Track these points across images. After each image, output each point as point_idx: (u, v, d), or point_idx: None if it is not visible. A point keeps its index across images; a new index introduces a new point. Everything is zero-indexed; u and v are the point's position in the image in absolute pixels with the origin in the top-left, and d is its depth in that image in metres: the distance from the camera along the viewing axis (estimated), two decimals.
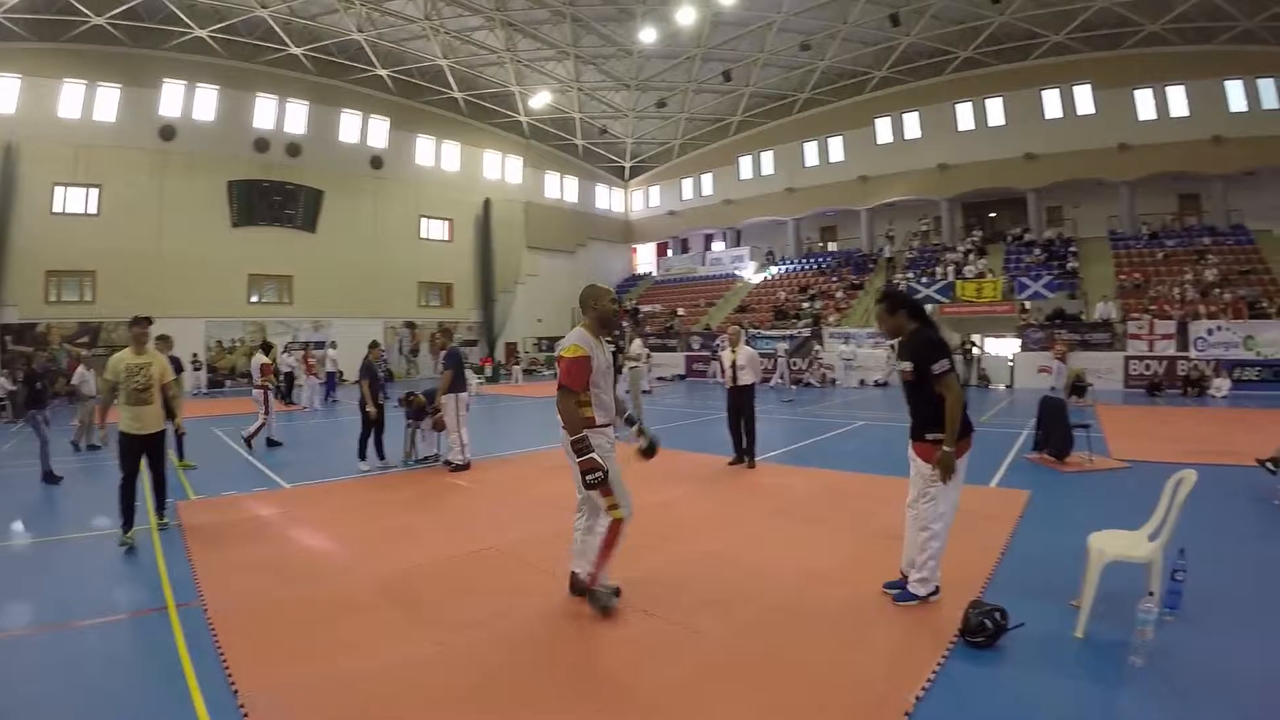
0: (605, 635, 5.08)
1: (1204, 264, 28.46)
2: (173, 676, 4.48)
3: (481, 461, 12.21)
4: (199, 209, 30.49)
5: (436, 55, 35.18)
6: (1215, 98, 30.61)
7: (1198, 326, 24.40)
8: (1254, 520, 8.14)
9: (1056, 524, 7.78)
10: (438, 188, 39.66)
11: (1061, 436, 11.45)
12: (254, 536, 7.79)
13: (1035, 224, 35.13)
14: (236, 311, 31.80)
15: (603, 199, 49.89)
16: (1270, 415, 16.48)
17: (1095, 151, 32.69)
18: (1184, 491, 5.06)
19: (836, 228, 44.07)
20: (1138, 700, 4.16)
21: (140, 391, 7.60)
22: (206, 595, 5.84)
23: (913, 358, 5.40)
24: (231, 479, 10.95)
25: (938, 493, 5.32)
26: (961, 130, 36.62)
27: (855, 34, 34.01)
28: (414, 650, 4.81)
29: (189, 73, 30.51)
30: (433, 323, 37.69)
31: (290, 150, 33.25)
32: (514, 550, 7.13)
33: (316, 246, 33.92)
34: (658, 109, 41.52)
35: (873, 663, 4.61)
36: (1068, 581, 5.56)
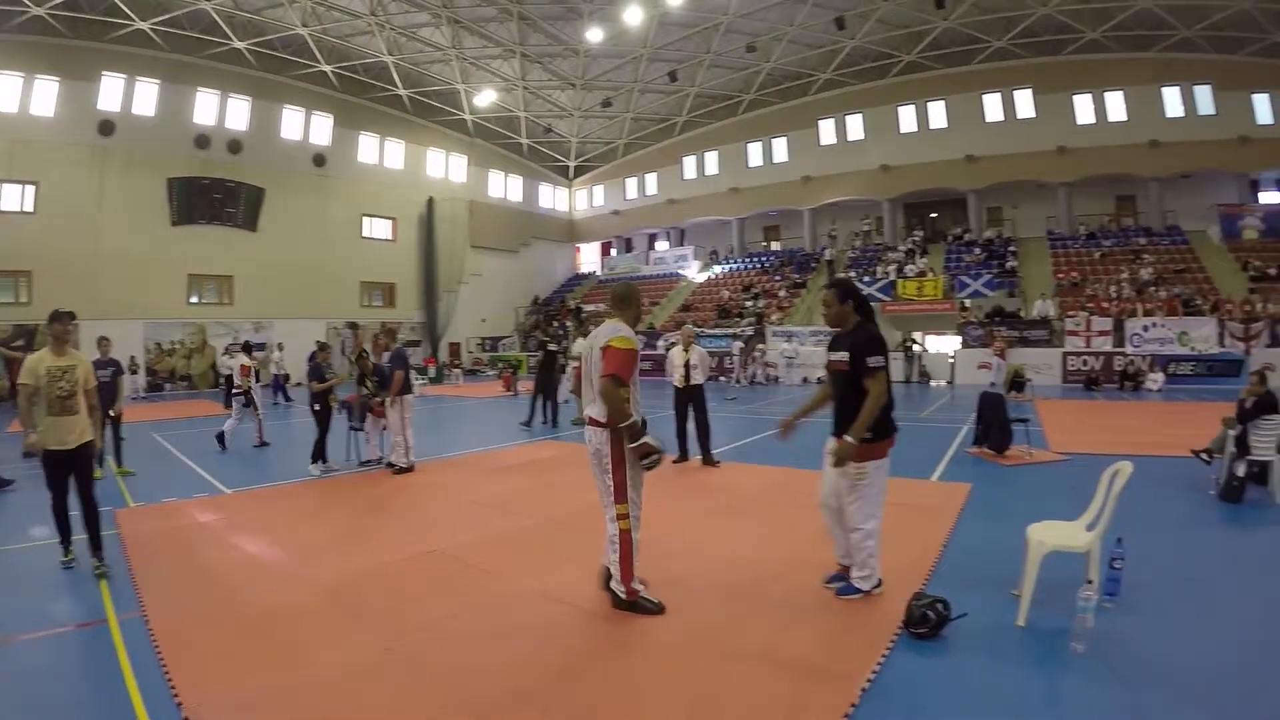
0: (551, 635, 5.02)
1: (1140, 263, 29.17)
2: (115, 691, 4.31)
3: (425, 463, 12.02)
4: (138, 207, 29.59)
5: (382, 51, 34.64)
6: (1152, 103, 31.43)
7: (1133, 323, 24.99)
8: (1189, 509, 8.31)
9: (997, 516, 7.86)
10: (381, 186, 39.09)
11: (1001, 431, 11.57)
12: (196, 544, 7.51)
13: (975, 224, 35.75)
14: (176, 313, 30.88)
15: (547, 198, 49.61)
16: (1203, 407, 16.83)
17: (1035, 154, 33.29)
18: (1120, 482, 5.17)
19: (780, 227, 44.43)
20: (1080, 685, 4.23)
21: (64, 399, 6.58)
22: (148, 606, 5.64)
23: (851, 349, 5.37)
24: (172, 485, 10.57)
25: (864, 491, 5.34)
26: (904, 132, 37.06)
27: (801, 36, 34.21)
28: (360, 656, 4.72)
29: (129, 66, 29.55)
30: (375, 323, 37.23)
31: (231, 147, 32.38)
32: (459, 553, 7.01)
33: (258, 246, 33.13)
34: (603, 108, 41.34)
35: (818, 656, 4.61)
36: (1009, 572, 5.65)
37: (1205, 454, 9.42)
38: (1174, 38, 29.70)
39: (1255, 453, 8.58)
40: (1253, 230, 29.62)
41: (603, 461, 5.26)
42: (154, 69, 30.17)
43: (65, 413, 6.60)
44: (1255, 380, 9.20)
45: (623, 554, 5.24)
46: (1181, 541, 7.05)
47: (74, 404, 6.67)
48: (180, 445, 13.01)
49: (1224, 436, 9.02)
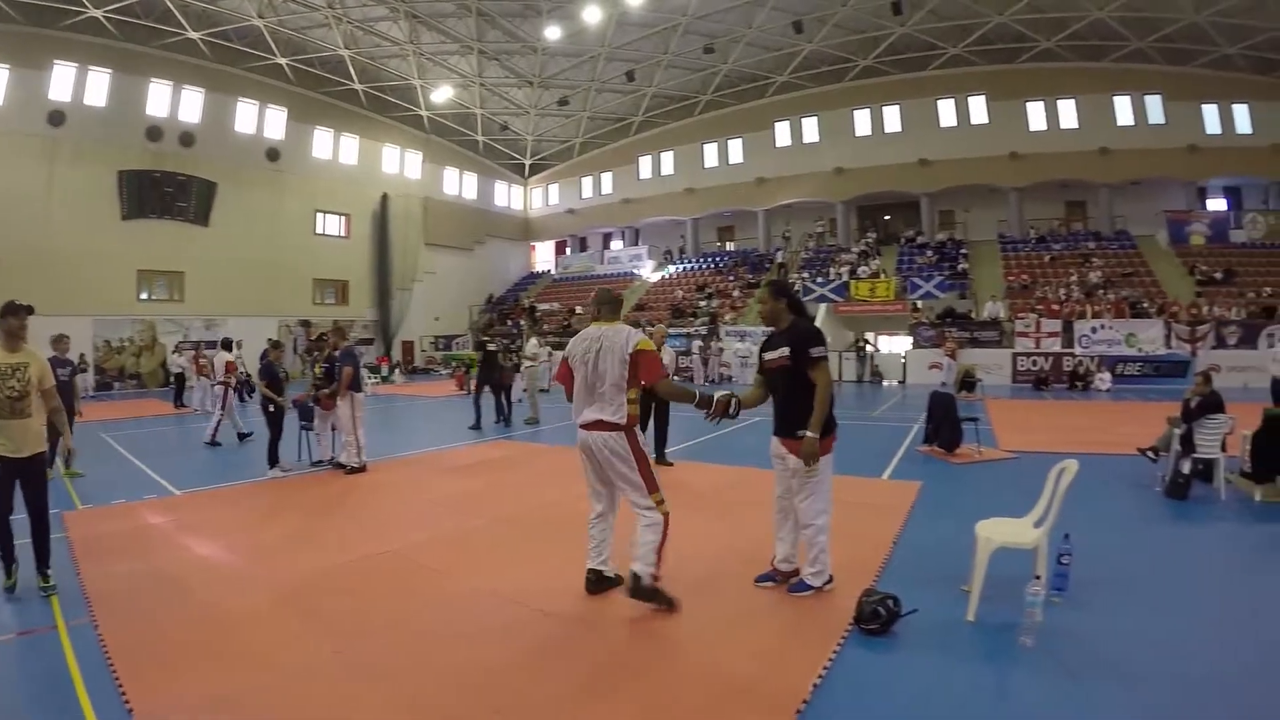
0: (502, 635, 4.95)
1: (1089, 267, 29.72)
2: (65, 698, 4.17)
3: (378, 463, 11.84)
4: (88, 200, 28.71)
5: (338, 45, 34.10)
6: (1104, 111, 32.20)
7: (1082, 325, 25.45)
8: (1136, 505, 8.44)
9: (947, 513, 7.90)
10: (335, 182, 38.48)
11: (951, 429, 11.67)
12: (146, 547, 7.29)
13: (928, 227, 36.20)
14: (126, 309, 30.03)
15: (502, 196, 49.27)
16: (1150, 407, 17.06)
17: (987, 159, 33.78)
18: (1066, 480, 5.26)
19: (734, 228, 44.52)
20: (1028, 679, 4.29)
21: (15, 401, 5.83)
22: (97, 611, 5.46)
23: (791, 343, 5.39)
24: (121, 486, 10.26)
25: (814, 488, 5.35)
26: (859, 135, 37.41)
27: (759, 39, 34.36)
28: (312, 659, 4.64)
29: (82, 55, 28.69)
30: (328, 321, 36.76)
31: (184, 140, 31.57)
32: (411, 554, 6.91)
33: (209, 241, 32.33)
34: (560, 107, 41.22)
35: (769, 653, 4.61)
36: (958, 568, 5.68)
37: (1151, 452, 9.57)
38: (1126, 48, 30.42)
39: (1200, 451, 8.75)
40: (1199, 236, 30.42)
41: (625, 460, 5.34)
42: (106, 58, 29.35)
43: (15, 415, 5.85)
44: (1200, 381, 9.35)
45: (664, 538, 5.27)
46: (1128, 537, 7.14)
47: (25, 406, 5.90)
48: (130, 445, 12.64)
49: (1169, 435, 9.18)
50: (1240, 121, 30.75)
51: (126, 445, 14.00)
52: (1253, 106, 30.39)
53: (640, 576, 5.22)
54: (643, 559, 5.23)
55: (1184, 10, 27.49)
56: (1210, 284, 27.44)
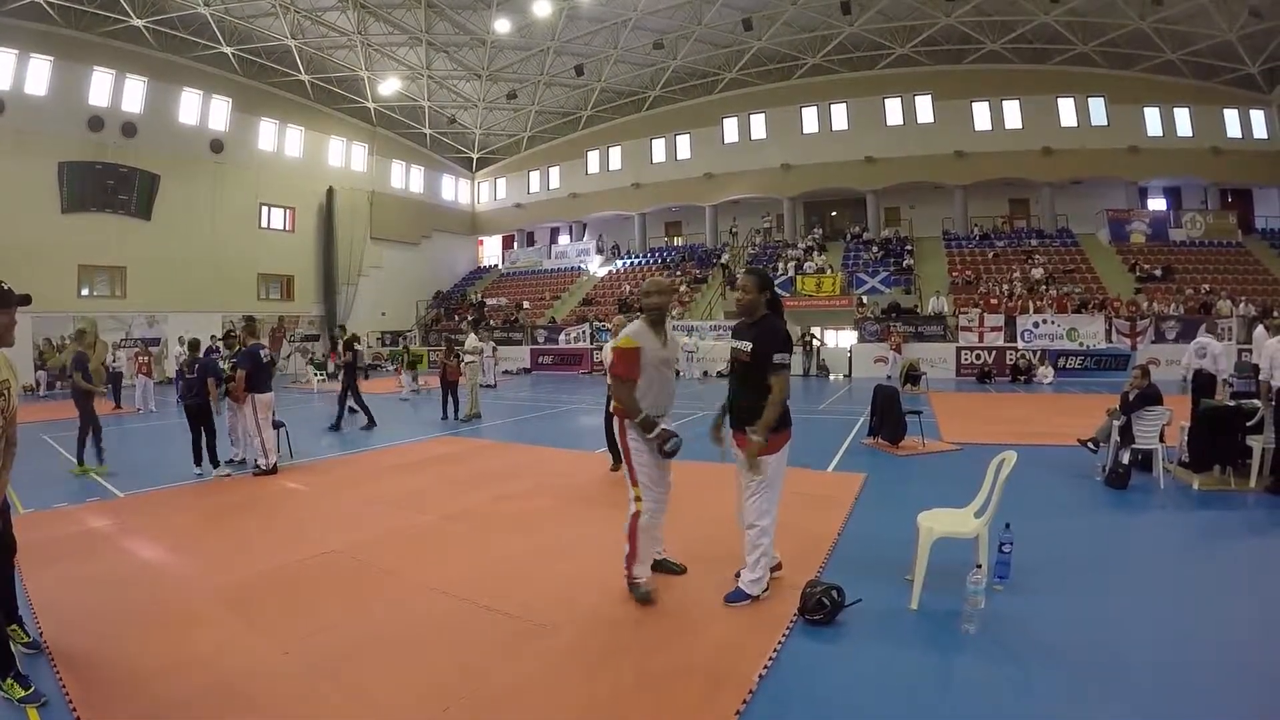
0: (452, 632, 4.89)
1: (1031, 263, 30.25)
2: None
3: (319, 462, 11.71)
4: (26, 192, 27.70)
5: (285, 34, 33.44)
6: (1048, 112, 32.87)
7: (1025, 320, 25.85)
8: (1076, 495, 8.60)
9: (891, 504, 7.96)
10: (280, 174, 37.71)
11: (895, 422, 11.76)
12: (88, 551, 7.05)
13: (874, 223, 36.59)
14: (66, 306, 28.75)
15: (449, 190, 48.78)
16: (1091, 399, 17.40)
17: (933, 157, 34.28)
18: (1006, 470, 5.35)
19: (682, 223, 44.67)
20: (972, 664, 4.36)
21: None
22: (40, 618, 5.24)
23: (756, 340, 5.17)
24: (62, 489, 9.95)
25: (761, 487, 5.15)
26: (806, 133, 37.69)
27: (708, 35, 34.46)
28: (261, 661, 4.55)
29: (22, 41, 27.70)
30: (273, 317, 36.27)
31: (126, 130, 30.69)
32: (355, 552, 6.77)
33: (152, 235, 31.50)
34: (508, 100, 40.95)
35: (715, 642, 4.61)
36: (902, 558, 5.72)
37: (1091, 443, 9.73)
38: (1071, 52, 31.15)
39: (1139, 442, 8.93)
40: (1140, 234, 31.22)
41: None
42: (47, 45, 28.36)
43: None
44: (1138, 374, 9.50)
45: (630, 533, 5.32)
46: (1070, 526, 7.26)
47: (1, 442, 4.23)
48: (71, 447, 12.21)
49: (1108, 426, 9.32)
50: (1181, 124, 31.67)
51: (67, 446, 13.61)
52: (1193, 110, 31.39)
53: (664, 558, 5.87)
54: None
55: (1129, 16, 28.14)
56: (1150, 281, 28.24)
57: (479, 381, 18.49)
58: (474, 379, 17.73)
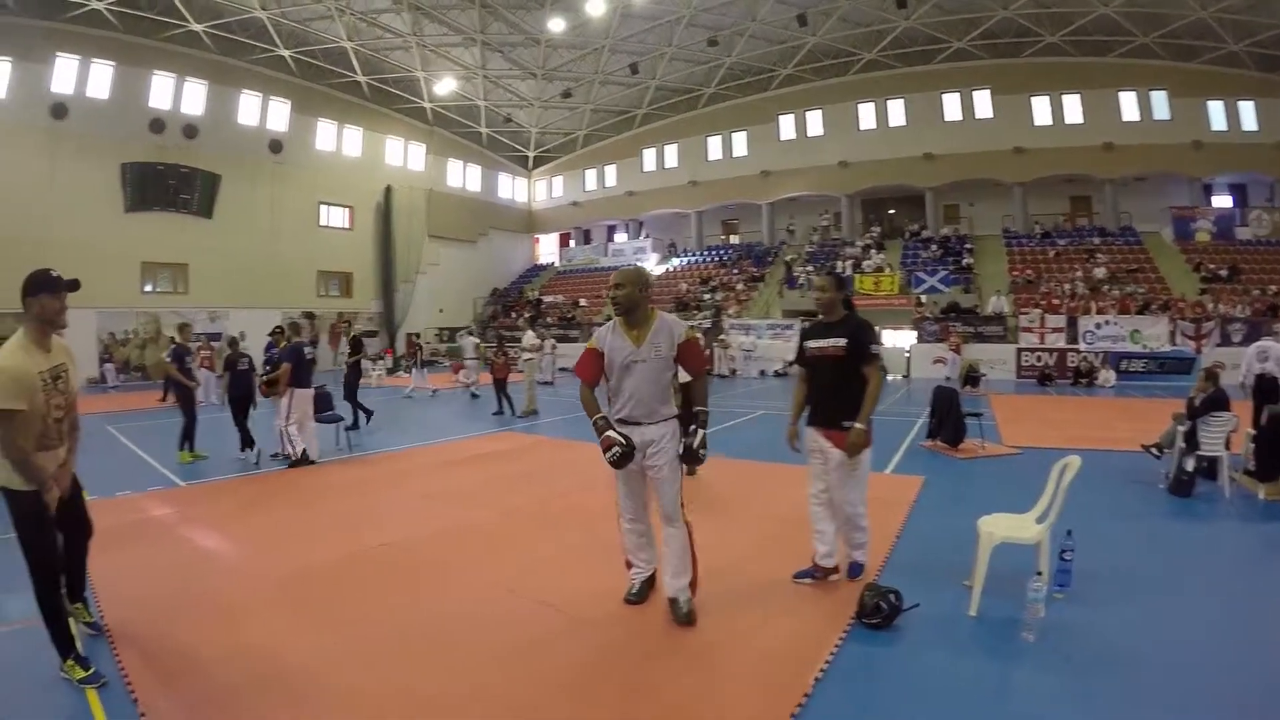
0: (504, 628, 4.94)
1: (1093, 262, 29.64)
2: (71, 689, 4.17)
3: (374, 456, 11.96)
4: (91, 192, 28.62)
5: (341, 37, 34.01)
6: (1109, 107, 31.99)
7: (1086, 321, 25.36)
8: (1140, 502, 8.42)
9: (950, 508, 7.89)
10: (338, 174, 38.35)
11: (955, 424, 11.64)
12: (150, 539, 7.31)
13: (932, 221, 36.11)
14: (129, 301, 29.95)
15: (506, 188, 49.10)
16: (1153, 404, 17.09)
17: (992, 153, 33.66)
18: (1069, 476, 5.27)
19: (738, 221, 44.41)
20: (1030, 673, 4.29)
21: (59, 422, 4.38)
22: (103, 601, 5.47)
23: (850, 335, 5.44)
24: (126, 478, 10.27)
25: (857, 479, 5.47)
26: (863, 129, 37.24)
27: (762, 32, 34.26)
28: (315, 651, 4.64)
29: (84, 47, 28.59)
30: (332, 313, 36.86)
31: (187, 132, 31.52)
32: (409, 546, 6.92)
33: (213, 233, 32.29)
34: (563, 99, 41.15)
35: (771, 647, 4.61)
36: (961, 563, 5.67)
37: (1155, 449, 9.54)
38: (1132, 44, 30.32)
39: (1204, 448, 8.71)
40: (1205, 233, 30.32)
41: None
42: (109, 50, 29.24)
43: (61, 441, 4.43)
44: (1204, 378, 9.30)
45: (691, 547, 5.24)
46: (1132, 534, 7.13)
47: (65, 425, 4.45)
48: (135, 437, 12.55)
49: (1173, 432, 9.13)
50: (1246, 118, 30.59)
51: (131, 437, 13.96)
52: (1258, 104, 30.25)
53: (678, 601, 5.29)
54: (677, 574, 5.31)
55: (1189, 6, 27.36)
56: (1215, 281, 27.39)
57: (536, 378, 18.60)
58: (531, 376, 17.86)
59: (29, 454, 4.08)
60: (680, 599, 5.05)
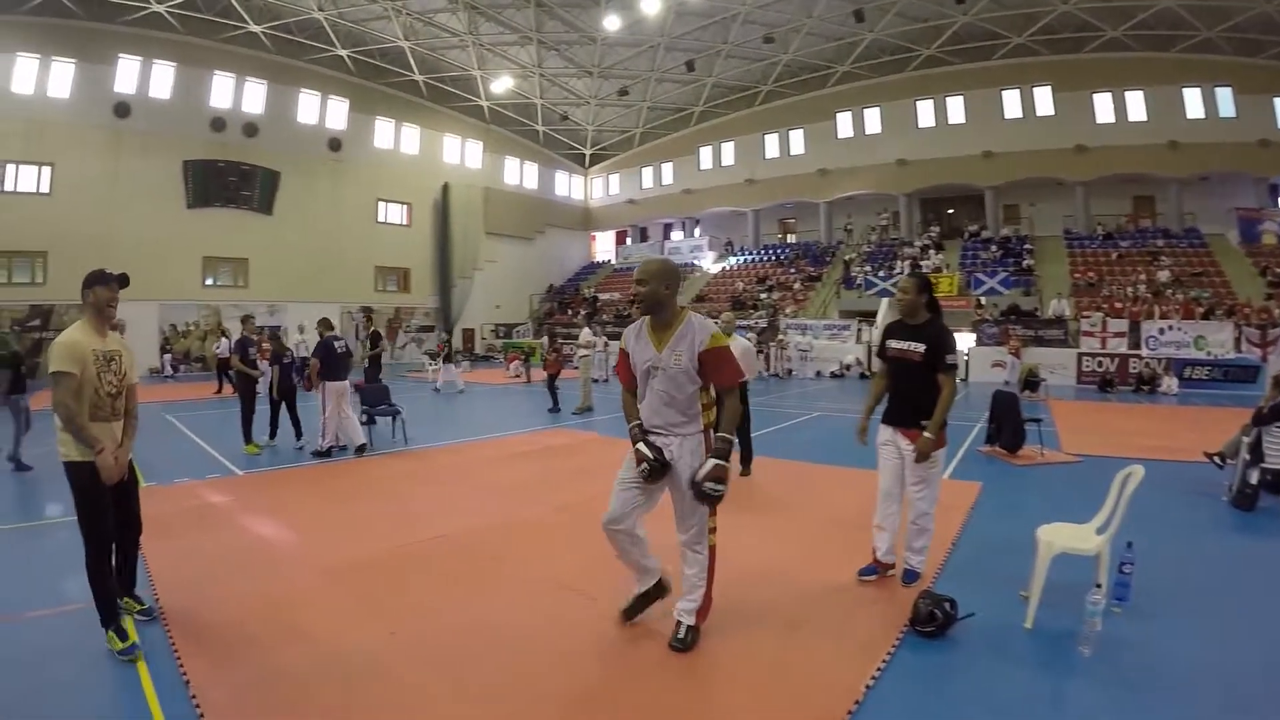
0: (557, 622, 5.00)
1: (1157, 265, 28.94)
2: (124, 670, 4.35)
3: (431, 449, 12.16)
4: (153, 189, 29.71)
5: (398, 36, 34.59)
6: (1173, 104, 31.13)
7: (1149, 326, 24.73)
8: (1201, 514, 8.21)
9: (1007, 516, 7.80)
10: (396, 171, 39.09)
11: (1014, 430, 11.47)
12: (206, 525, 7.56)
13: (992, 221, 35.54)
14: (191, 294, 31.10)
15: (562, 186, 49.51)
16: (1218, 412, 16.70)
17: (1053, 152, 33.03)
18: (1131, 486, 5.14)
19: (795, 220, 44.31)
20: (1085, 688, 4.21)
21: (114, 398, 4.84)
22: (158, 585, 5.69)
23: (930, 341, 5.58)
24: (184, 466, 10.64)
25: (932, 480, 5.62)
26: (922, 127, 36.84)
27: (819, 28, 34.03)
28: (368, 639, 4.75)
29: (145, 48, 29.65)
30: (390, 308, 37.58)
31: (247, 130, 32.50)
32: (464, 538, 7.05)
33: (273, 229, 33.29)
34: (619, 97, 41.30)
35: (823, 651, 4.61)
36: (1017, 573, 5.59)
37: (1219, 458, 9.34)
38: (1195, 38, 29.45)
39: (1269, 460, 8.42)
40: (1272, 235, 29.37)
41: None
42: (170, 51, 30.23)
43: (115, 416, 4.88)
44: (1274, 385, 9.06)
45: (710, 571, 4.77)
46: (1192, 548, 6.96)
47: (120, 405, 4.94)
48: (194, 426, 12.92)
49: (1238, 441, 8.92)
50: None
51: (191, 426, 14.31)
52: None
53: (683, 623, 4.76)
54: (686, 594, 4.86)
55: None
56: None
57: (591, 375, 18.72)
58: (586, 373, 17.98)
59: (77, 413, 4.56)
60: (683, 622, 4.65)
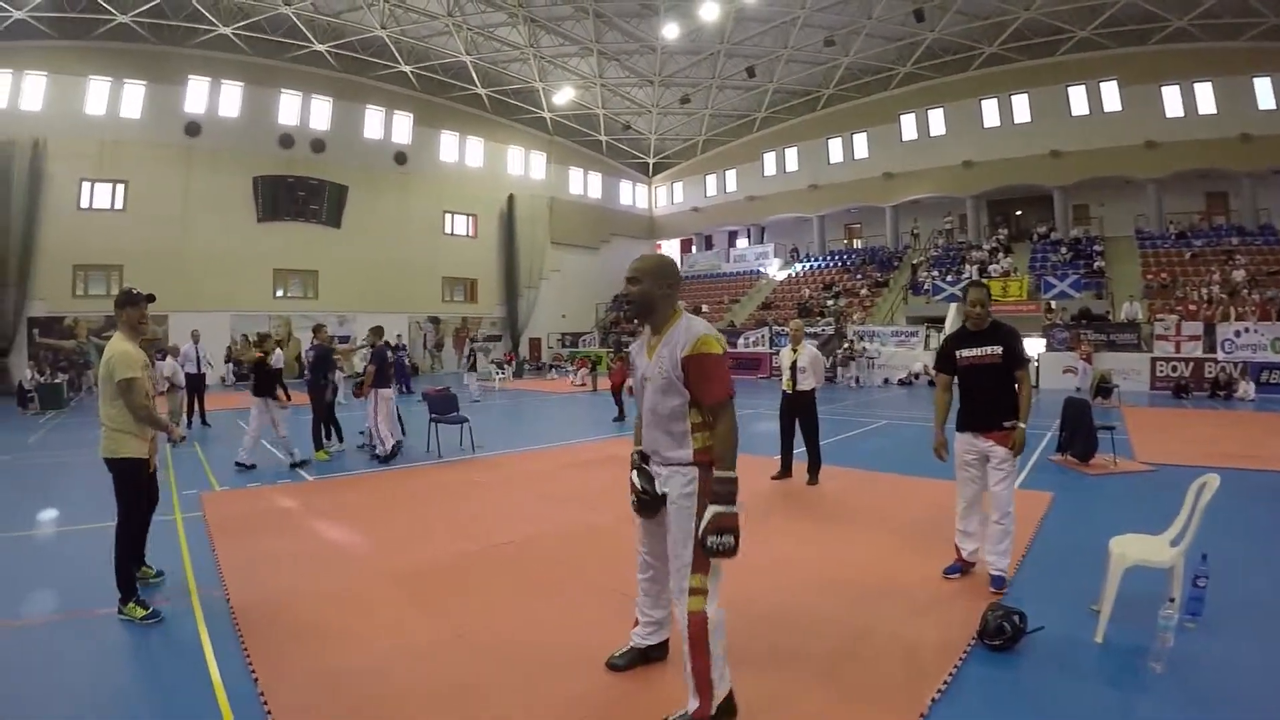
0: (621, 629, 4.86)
1: (1232, 264, 28.11)
2: (196, 663, 4.55)
3: (499, 457, 12.44)
4: (224, 204, 30.82)
5: (459, 51, 35.26)
6: (1243, 95, 30.17)
7: (1225, 328, 23.98)
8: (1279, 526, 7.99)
9: (1079, 527, 7.70)
10: (462, 183, 39.83)
11: (1086, 438, 11.30)
12: (276, 528, 7.86)
13: (1061, 222, 34.84)
14: (262, 305, 32.13)
15: (626, 195, 49.87)
16: None
17: (1122, 149, 32.26)
18: (1206, 496, 4.99)
19: (861, 225, 43.96)
20: (1157, 707, 4.11)
21: (151, 398, 5.78)
22: (229, 585, 5.92)
23: (1005, 342, 5.83)
24: (256, 471, 11.08)
25: (1011, 475, 5.83)
26: (987, 127, 36.30)
27: (879, 30, 33.84)
28: (434, 640, 4.90)
29: (214, 69, 30.83)
30: (457, 318, 38.23)
31: (315, 146, 33.50)
32: (531, 545, 7.17)
33: (341, 241, 34.18)
34: (681, 105, 41.40)
35: (890, 662, 4.58)
36: (1088, 585, 5.49)
37: None
38: (1264, 25, 28.43)
39: None
40: None
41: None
42: (238, 72, 31.44)
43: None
44: None
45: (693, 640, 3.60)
46: (1271, 560, 6.76)
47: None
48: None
49: None
50: None
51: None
52: None
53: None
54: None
55: None
56: None
57: None
58: None
59: (151, 408, 5.57)
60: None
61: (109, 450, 5.43)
